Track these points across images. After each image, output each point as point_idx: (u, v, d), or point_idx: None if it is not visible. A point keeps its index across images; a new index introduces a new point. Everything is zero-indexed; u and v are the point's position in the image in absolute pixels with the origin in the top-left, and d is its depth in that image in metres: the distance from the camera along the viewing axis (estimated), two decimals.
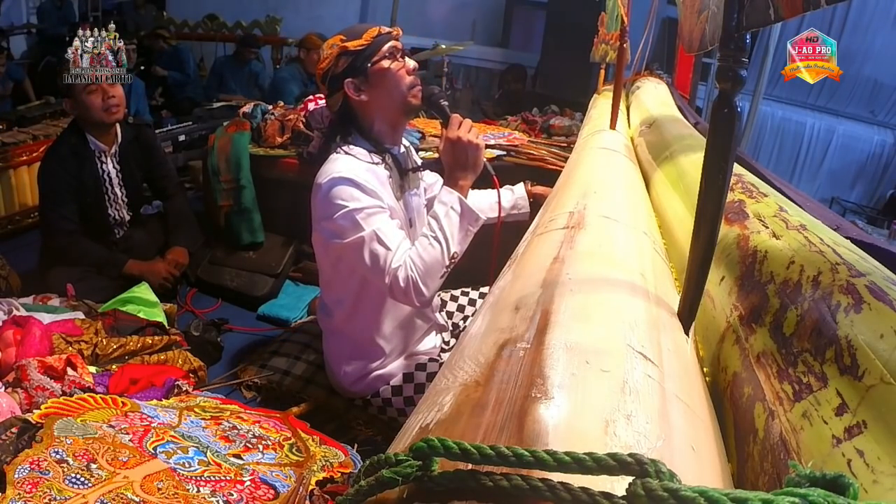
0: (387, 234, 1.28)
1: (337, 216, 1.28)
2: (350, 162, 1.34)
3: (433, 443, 0.34)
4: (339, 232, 1.29)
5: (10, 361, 1.46)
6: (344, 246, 1.30)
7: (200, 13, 6.30)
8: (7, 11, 6.05)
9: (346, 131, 1.41)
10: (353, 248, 1.29)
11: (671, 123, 1.68)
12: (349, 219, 1.27)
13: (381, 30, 1.38)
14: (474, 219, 1.33)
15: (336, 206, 1.28)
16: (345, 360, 1.51)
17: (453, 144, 1.36)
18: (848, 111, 6.80)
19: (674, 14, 4.25)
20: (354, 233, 1.27)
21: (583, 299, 0.58)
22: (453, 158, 1.36)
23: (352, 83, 1.36)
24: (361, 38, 1.35)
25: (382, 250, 1.27)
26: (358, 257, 1.29)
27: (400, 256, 1.27)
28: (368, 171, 1.34)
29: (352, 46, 1.35)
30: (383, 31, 1.38)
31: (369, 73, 1.35)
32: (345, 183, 1.29)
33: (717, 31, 0.67)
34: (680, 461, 0.40)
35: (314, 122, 2.72)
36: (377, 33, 1.36)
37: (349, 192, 1.28)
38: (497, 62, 6.34)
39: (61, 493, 0.90)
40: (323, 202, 1.31)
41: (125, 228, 2.48)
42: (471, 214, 1.33)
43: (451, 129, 1.37)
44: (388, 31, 1.39)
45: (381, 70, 1.36)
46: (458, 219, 1.31)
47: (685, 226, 0.90)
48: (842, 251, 0.57)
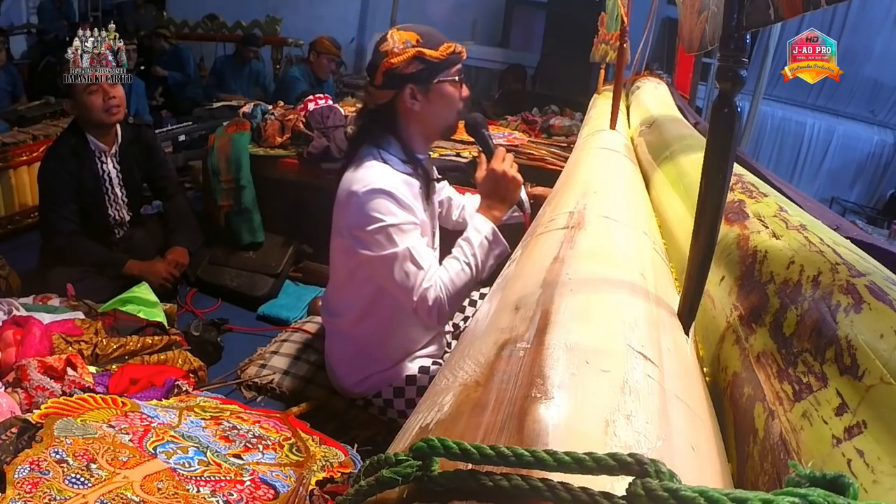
0: (420, 252, 1.27)
1: (371, 228, 1.26)
2: (387, 172, 1.31)
3: (433, 443, 0.34)
4: (371, 244, 1.27)
5: (10, 361, 1.46)
6: (372, 258, 1.28)
7: (200, 13, 6.31)
8: (7, 11, 6.06)
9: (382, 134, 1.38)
10: (384, 263, 1.27)
11: (671, 123, 1.68)
12: (384, 233, 1.26)
13: (456, 48, 1.36)
14: (503, 250, 1.35)
15: (372, 217, 1.26)
16: (347, 362, 1.50)
17: (497, 177, 1.39)
18: (848, 111, 6.80)
19: (674, 14, 4.25)
20: (389, 248, 1.26)
21: (583, 299, 0.58)
22: (492, 189, 1.40)
23: (412, 89, 1.33)
24: (438, 50, 1.32)
25: (414, 269, 1.26)
26: (387, 272, 1.28)
27: (431, 277, 1.27)
28: (404, 182, 1.32)
29: (428, 55, 1.31)
30: (458, 51, 1.36)
31: (433, 87, 1.33)
32: (383, 196, 1.26)
33: (717, 31, 0.67)
34: (680, 461, 0.40)
35: (314, 123, 2.72)
36: (453, 50, 1.35)
37: (386, 205, 1.26)
38: (497, 62, 6.34)
39: (61, 493, 0.90)
40: (357, 211, 1.28)
41: (125, 228, 2.48)
42: (501, 245, 1.35)
43: (496, 161, 1.41)
44: (461, 50, 1.37)
45: (445, 90, 1.35)
46: (488, 248, 1.33)
47: (685, 226, 0.90)
48: (842, 251, 0.57)
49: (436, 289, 1.27)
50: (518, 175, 1.41)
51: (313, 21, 6.32)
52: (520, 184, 1.41)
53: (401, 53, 1.30)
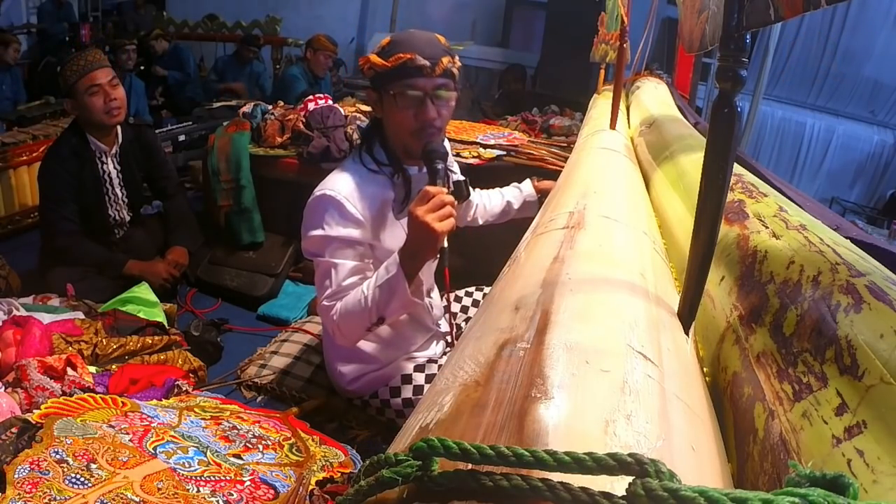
0: (339, 271, 1.28)
1: (311, 234, 1.31)
2: (351, 177, 1.31)
3: (433, 443, 0.34)
4: (309, 246, 1.33)
5: (10, 361, 1.46)
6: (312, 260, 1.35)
7: (200, 13, 6.31)
8: (7, 11, 6.05)
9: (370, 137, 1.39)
10: (315, 265, 1.33)
11: (671, 123, 1.68)
12: (317, 240, 1.30)
13: (414, 60, 1.22)
14: (408, 303, 1.25)
15: (314, 223, 1.30)
16: (343, 361, 1.51)
17: (411, 220, 1.17)
18: (848, 111, 6.80)
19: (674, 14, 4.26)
20: (317, 255, 1.31)
21: (583, 299, 0.58)
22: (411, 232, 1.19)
23: (371, 94, 1.34)
24: (389, 59, 1.24)
25: (327, 283, 1.29)
26: (316, 275, 1.34)
27: (337, 296, 1.28)
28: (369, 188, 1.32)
29: (374, 61, 1.27)
30: (414, 64, 1.22)
31: (385, 96, 1.29)
32: (329, 204, 1.28)
33: (717, 31, 0.67)
34: (680, 461, 0.40)
35: (314, 122, 2.72)
36: (403, 61, 1.23)
37: (329, 215, 1.28)
38: (497, 62, 6.35)
39: (61, 493, 0.90)
40: (307, 212, 1.33)
41: (125, 229, 2.48)
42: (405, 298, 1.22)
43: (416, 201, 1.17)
44: (420, 64, 1.22)
45: (393, 102, 1.27)
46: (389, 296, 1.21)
47: (685, 226, 0.90)
48: (842, 251, 0.57)
49: (334, 309, 1.28)
50: (437, 225, 1.14)
51: (313, 21, 6.33)
52: (436, 236, 1.15)
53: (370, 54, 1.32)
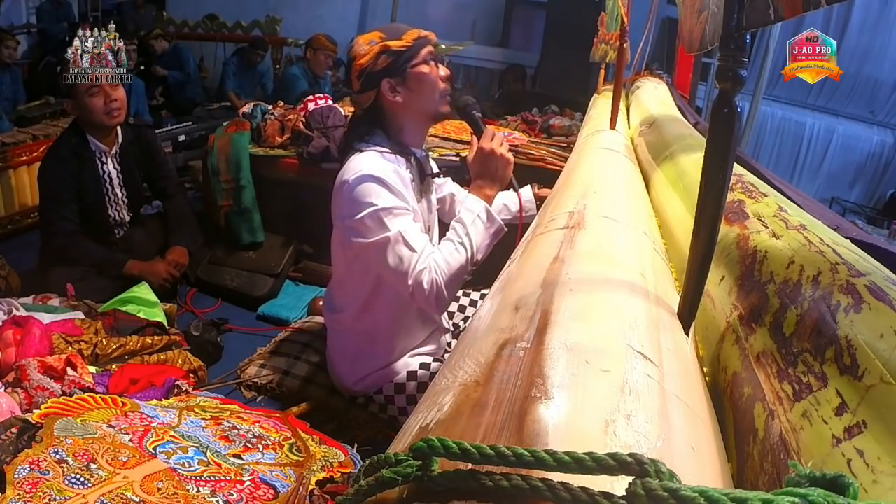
0: (412, 236, 1.26)
1: (362, 215, 1.26)
2: (376, 160, 1.33)
3: (433, 443, 0.34)
4: (364, 231, 1.27)
5: (10, 361, 1.46)
6: (366, 246, 1.28)
7: (200, 13, 6.31)
8: (7, 11, 6.05)
9: (369, 130, 1.40)
10: (376, 249, 1.27)
11: (671, 123, 1.68)
12: (375, 218, 1.26)
13: (421, 33, 1.38)
14: (499, 228, 1.34)
15: (363, 203, 1.26)
16: (348, 359, 1.51)
17: (486, 156, 1.37)
18: (848, 111, 6.80)
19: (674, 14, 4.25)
20: (380, 232, 1.26)
21: (583, 299, 0.58)
22: (483, 169, 1.38)
23: (388, 83, 1.35)
24: (402, 39, 1.34)
25: (408, 252, 1.25)
26: (380, 258, 1.27)
27: (424, 259, 1.26)
28: (394, 171, 1.33)
29: (393, 46, 1.34)
30: (422, 35, 1.38)
31: (407, 75, 1.35)
32: (372, 181, 1.27)
33: (717, 31, 0.67)
34: (680, 461, 0.40)
35: (314, 122, 2.72)
36: (417, 36, 1.36)
37: (376, 189, 1.27)
38: (497, 62, 6.35)
39: (61, 493, 0.90)
40: (348, 199, 1.29)
41: (125, 229, 2.48)
42: (496, 224, 1.33)
43: (485, 140, 1.39)
44: (426, 34, 1.39)
45: (420, 74, 1.36)
46: (482, 227, 1.31)
47: (685, 226, 0.90)
48: (842, 251, 0.57)
49: (430, 271, 1.25)
50: (508, 154, 1.38)
51: (313, 21, 6.32)
52: (509, 162, 1.39)
53: (367, 53, 1.33)
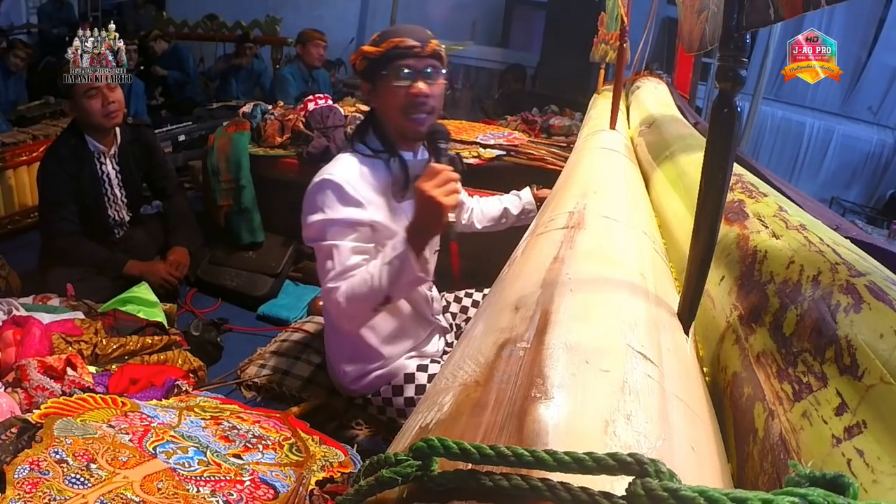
0: (341, 252, 1.28)
1: (312, 220, 1.30)
2: (349, 164, 1.34)
3: (433, 443, 0.34)
4: (311, 234, 1.32)
5: (9, 361, 1.46)
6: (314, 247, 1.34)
7: (200, 13, 6.31)
8: (7, 11, 6.06)
9: (364, 127, 1.43)
10: (317, 251, 1.33)
11: (671, 123, 1.68)
12: (318, 226, 1.30)
13: (404, 42, 1.32)
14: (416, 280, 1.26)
15: (315, 208, 1.30)
16: (345, 359, 1.51)
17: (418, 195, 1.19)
18: (848, 111, 6.80)
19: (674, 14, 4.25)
20: (319, 240, 1.30)
21: (583, 299, 0.58)
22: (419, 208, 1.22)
23: (365, 86, 1.39)
24: (381, 46, 1.33)
25: (330, 265, 1.28)
26: (317, 261, 1.33)
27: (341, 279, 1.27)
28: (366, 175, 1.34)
29: (368, 50, 1.34)
30: (405, 45, 1.32)
31: (378, 83, 1.35)
32: (329, 188, 1.30)
33: (717, 31, 0.67)
34: (680, 461, 0.40)
35: (314, 122, 2.72)
36: (395, 45, 1.32)
37: (330, 198, 1.29)
38: (497, 62, 6.35)
39: (61, 493, 0.90)
40: (307, 201, 1.33)
41: (125, 229, 2.48)
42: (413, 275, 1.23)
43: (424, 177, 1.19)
44: (411, 45, 1.32)
45: (384, 85, 1.34)
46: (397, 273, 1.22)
47: (685, 226, 0.90)
48: (841, 251, 0.57)
49: (339, 291, 1.26)
50: (446, 198, 1.17)
51: (313, 21, 6.31)
52: (441, 210, 1.18)
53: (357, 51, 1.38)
